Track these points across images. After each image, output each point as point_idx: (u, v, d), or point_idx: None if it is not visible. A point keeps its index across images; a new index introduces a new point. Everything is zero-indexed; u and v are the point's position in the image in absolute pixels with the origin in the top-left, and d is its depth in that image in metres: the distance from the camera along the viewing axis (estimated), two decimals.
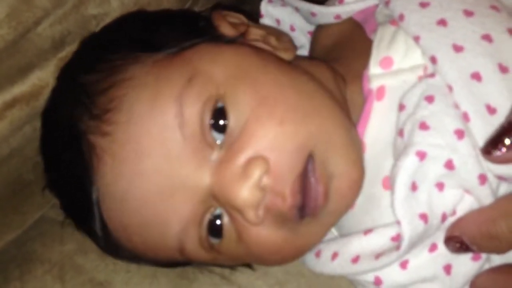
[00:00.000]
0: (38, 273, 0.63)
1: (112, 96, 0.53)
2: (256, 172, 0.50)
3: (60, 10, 0.57)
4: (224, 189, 0.51)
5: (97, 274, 0.62)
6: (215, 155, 0.52)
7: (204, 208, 0.53)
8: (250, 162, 0.51)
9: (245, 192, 0.50)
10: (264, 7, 0.69)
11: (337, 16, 0.63)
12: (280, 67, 0.56)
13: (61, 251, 0.64)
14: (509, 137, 0.47)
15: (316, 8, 0.64)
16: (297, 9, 0.67)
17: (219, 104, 0.52)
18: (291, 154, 0.51)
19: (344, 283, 0.59)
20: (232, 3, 0.78)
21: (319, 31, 0.67)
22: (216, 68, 0.53)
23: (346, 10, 0.62)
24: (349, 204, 0.55)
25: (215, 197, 0.52)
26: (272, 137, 0.51)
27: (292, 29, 0.70)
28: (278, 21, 0.69)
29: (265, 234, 0.52)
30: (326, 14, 0.63)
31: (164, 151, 0.51)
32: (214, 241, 0.54)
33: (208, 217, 0.53)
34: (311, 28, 0.69)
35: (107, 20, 0.61)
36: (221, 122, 0.52)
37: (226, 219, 0.54)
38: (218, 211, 0.53)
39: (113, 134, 0.52)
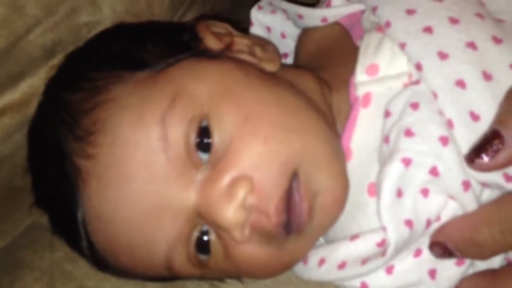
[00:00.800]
0: (28, 280, 0.63)
1: (96, 117, 0.53)
2: (241, 192, 0.51)
3: (51, 18, 0.58)
4: (210, 209, 0.51)
5: (86, 281, 0.62)
6: (200, 175, 0.52)
7: (190, 227, 0.53)
8: (234, 182, 0.51)
9: (230, 213, 0.50)
10: (254, 15, 0.69)
11: (324, 19, 0.63)
12: (264, 83, 0.56)
13: (51, 258, 0.64)
14: (491, 146, 0.48)
15: (303, 10, 0.64)
16: (286, 14, 0.68)
17: (204, 123, 0.52)
18: (276, 172, 0.51)
19: None
20: (227, 8, 0.79)
21: (304, 35, 0.68)
22: (200, 86, 0.53)
23: (333, 13, 0.63)
24: (335, 218, 0.55)
25: (201, 216, 0.52)
26: (256, 156, 0.52)
27: (283, 36, 0.71)
28: (268, 29, 0.70)
29: (251, 251, 0.53)
30: (313, 16, 0.64)
31: (148, 174, 0.51)
32: (202, 257, 0.55)
33: (195, 234, 0.54)
34: None
35: (99, 28, 0.62)
36: (206, 140, 0.52)
37: (213, 235, 0.54)
38: (205, 228, 0.54)
39: (98, 157, 0.52)
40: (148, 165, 0.51)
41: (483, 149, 0.48)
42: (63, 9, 0.58)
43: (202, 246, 0.54)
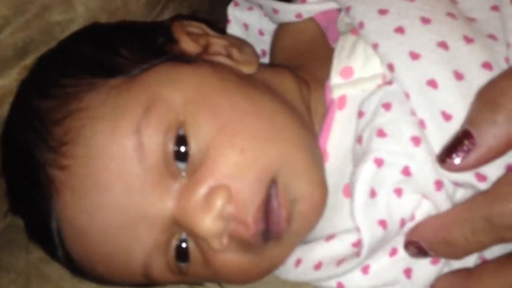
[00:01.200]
0: (4, 282, 0.63)
1: (68, 127, 0.52)
2: (218, 202, 0.50)
3: (21, 18, 0.57)
4: (187, 219, 0.51)
5: (63, 283, 0.62)
6: (177, 184, 0.52)
7: (168, 236, 0.53)
8: (212, 191, 0.51)
9: (208, 222, 0.50)
10: (231, 12, 0.69)
11: (298, 15, 0.63)
12: (240, 88, 0.55)
13: (28, 260, 0.64)
14: (462, 146, 0.48)
15: (278, 4, 0.64)
16: (263, 10, 0.67)
17: (180, 132, 0.52)
18: (253, 182, 0.51)
19: None
20: (205, 6, 0.78)
21: (280, 30, 0.68)
22: (175, 93, 0.53)
23: (307, 9, 0.63)
24: (313, 225, 0.55)
25: (179, 225, 0.52)
26: (233, 165, 0.51)
27: (261, 33, 0.70)
28: (246, 26, 0.70)
29: (230, 259, 0.53)
30: (288, 11, 0.64)
31: (124, 185, 0.51)
32: (182, 265, 0.54)
33: (174, 243, 0.54)
34: None
35: (73, 26, 0.61)
36: (183, 149, 0.51)
37: (191, 243, 0.54)
38: (183, 236, 0.54)
39: (71, 169, 0.52)
40: (124, 176, 0.51)
41: (454, 150, 0.48)
42: (33, 8, 0.57)
43: (181, 254, 0.54)
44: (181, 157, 0.52)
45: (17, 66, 0.59)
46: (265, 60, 0.71)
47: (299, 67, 0.62)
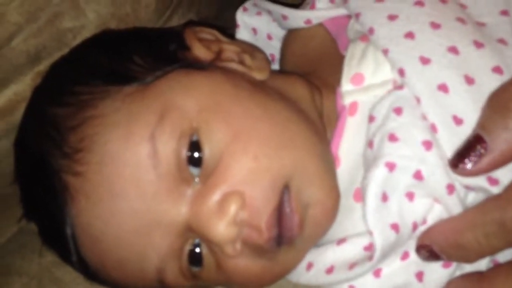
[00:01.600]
0: (16, 286, 0.63)
1: (82, 135, 0.53)
2: (232, 208, 0.51)
3: (34, 25, 0.57)
4: (201, 225, 0.51)
5: (75, 287, 0.62)
6: (191, 190, 0.52)
7: (182, 241, 0.53)
8: (225, 197, 0.51)
9: (221, 228, 0.51)
10: (240, 17, 0.69)
11: (308, 21, 0.63)
12: (253, 95, 0.55)
13: (40, 264, 0.64)
14: (474, 151, 0.48)
15: (287, 10, 0.64)
16: (271, 15, 0.67)
17: (194, 137, 0.52)
18: (266, 188, 0.52)
19: None
20: (213, 11, 0.78)
21: (289, 36, 0.68)
22: (188, 100, 0.53)
23: (316, 15, 0.63)
24: (325, 230, 0.55)
25: (193, 231, 0.52)
26: (246, 172, 0.52)
27: (269, 37, 0.70)
28: (255, 30, 0.70)
29: (243, 265, 0.53)
30: (297, 17, 0.64)
31: (138, 192, 0.51)
32: (195, 269, 0.55)
33: (187, 248, 0.54)
34: None
35: (84, 33, 0.61)
36: (196, 155, 0.52)
37: (205, 248, 0.54)
38: (197, 240, 0.54)
39: (86, 175, 0.52)
40: (138, 183, 0.51)
41: (466, 154, 0.49)
42: (45, 15, 0.58)
43: (195, 259, 0.54)
44: (195, 162, 0.52)
45: (30, 73, 0.59)
46: (274, 65, 0.71)
47: (309, 73, 0.63)
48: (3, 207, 0.66)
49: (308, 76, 0.62)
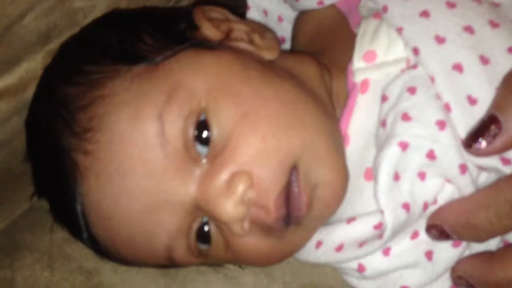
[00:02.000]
0: (27, 261, 0.64)
1: (92, 114, 0.53)
2: (240, 188, 0.51)
3: (45, 3, 0.57)
4: (209, 204, 0.52)
5: (85, 262, 0.63)
6: (199, 169, 0.52)
7: (190, 219, 0.53)
8: (234, 177, 0.51)
9: (230, 208, 0.51)
10: None
11: (320, 2, 0.63)
12: (263, 75, 0.55)
13: (51, 240, 0.65)
14: (489, 131, 0.48)
15: None
16: None
17: (202, 117, 0.52)
18: (275, 168, 0.52)
19: (329, 269, 0.60)
20: None
21: (301, 17, 0.67)
22: (197, 80, 0.53)
23: None
24: (334, 210, 0.55)
25: (201, 209, 0.53)
26: (255, 152, 0.52)
27: (280, 19, 0.70)
28: (265, 12, 0.69)
29: (251, 243, 0.53)
30: None
31: (146, 171, 0.51)
32: (203, 247, 0.55)
33: (195, 226, 0.54)
34: None
35: (95, 12, 0.61)
36: (205, 134, 0.52)
37: (213, 227, 0.55)
38: (205, 219, 0.54)
39: (95, 154, 0.52)
40: (146, 162, 0.51)
41: (480, 134, 0.49)
42: None
43: (203, 237, 0.55)
44: (203, 142, 0.52)
45: (41, 51, 0.59)
46: (284, 47, 0.71)
47: (320, 53, 0.62)
48: (15, 184, 0.66)
49: (319, 55, 0.62)
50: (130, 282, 0.62)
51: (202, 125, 0.52)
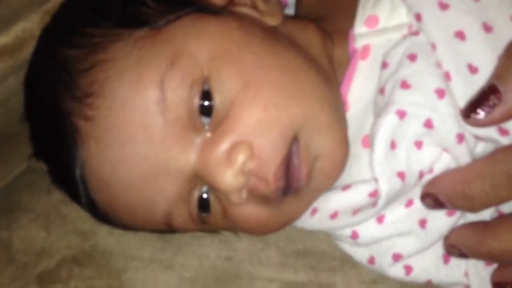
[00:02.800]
0: (24, 222, 0.64)
1: (93, 78, 0.52)
2: (240, 158, 0.51)
3: None
4: (209, 173, 0.52)
5: (81, 224, 0.63)
6: (200, 138, 0.52)
7: (190, 187, 0.54)
8: (234, 147, 0.51)
9: (229, 177, 0.51)
10: None
11: None
12: (265, 44, 0.54)
13: (47, 201, 0.65)
14: (488, 101, 0.48)
15: None
16: None
17: (205, 87, 0.51)
18: (275, 139, 0.51)
19: (322, 235, 0.61)
20: None
21: None
22: (200, 47, 0.52)
23: None
24: (333, 182, 0.56)
25: (200, 178, 0.53)
26: (256, 122, 0.51)
27: None
28: None
29: (249, 212, 0.54)
30: None
31: (146, 137, 0.51)
32: (203, 215, 0.55)
33: (196, 193, 0.54)
34: None
35: None
36: (207, 103, 0.51)
37: (212, 195, 0.55)
38: (205, 188, 0.54)
39: (96, 120, 0.52)
40: (146, 128, 0.51)
41: (479, 104, 0.48)
42: None
43: (203, 205, 0.55)
44: (206, 111, 0.52)
45: (38, 10, 0.58)
46: (287, 10, 0.70)
47: (323, 18, 0.61)
48: (12, 145, 0.66)
49: (321, 21, 0.61)
50: (125, 244, 0.62)
51: (206, 94, 0.52)
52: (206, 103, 0.51)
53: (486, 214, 0.53)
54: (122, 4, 0.55)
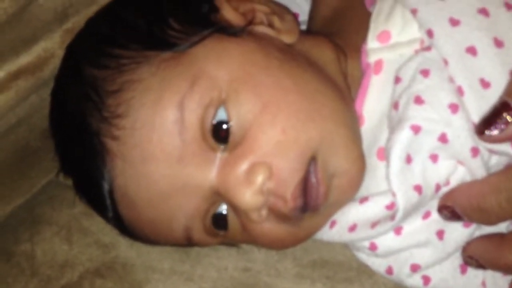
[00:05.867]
0: (47, 235, 0.65)
1: (121, 100, 0.53)
2: (259, 178, 0.52)
3: None
4: (229, 192, 0.52)
5: (103, 236, 0.64)
6: (218, 157, 0.53)
7: (208, 204, 0.54)
8: (253, 167, 0.52)
9: (248, 197, 0.52)
10: None
11: None
12: (283, 66, 0.55)
13: (69, 214, 0.66)
14: (500, 118, 0.48)
15: None
16: None
17: (221, 109, 0.52)
18: (293, 160, 0.52)
19: (338, 246, 0.61)
20: None
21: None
22: (220, 69, 0.53)
23: None
24: (350, 198, 0.56)
25: (219, 196, 0.54)
26: (274, 144, 0.52)
27: None
28: None
29: (268, 229, 0.54)
30: None
31: (165, 156, 0.52)
32: (220, 231, 0.56)
33: (212, 210, 0.55)
34: None
35: None
36: (224, 126, 0.52)
37: (230, 212, 0.55)
38: (224, 206, 0.55)
39: (122, 139, 0.53)
40: (164, 147, 0.52)
41: (492, 121, 0.49)
42: None
43: (220, 221, 0.56)
44: (221, 134, 0.53)
45: (58, 30, 0.60)
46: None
47: (335, 33, 0.62)
48: (34, 160, 0.67)
49: (333, 36, 0.61)
50: (146, 256, 0.63)
51: (220, 120, 0.52)
52: (224, 126, 0.52)
53: (502, 226, 0.53)
54: (148, 25, 0.56)
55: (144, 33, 0.56)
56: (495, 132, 0.48)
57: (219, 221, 0.56)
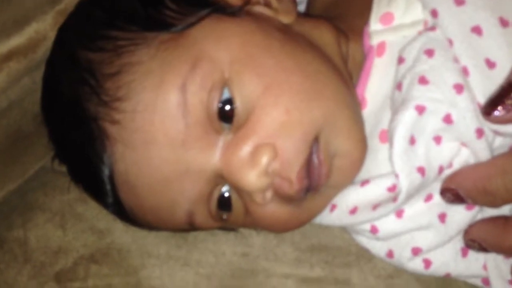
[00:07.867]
0: (40, 221, 0.64)
1: (120, 82, 0.52)
2: (264, 159, 0.51)
3: None
4: (233, 173, 0.52)
5: (97, 222, 0.63)
6: (222, 139, 0.52)
7: (211, 187, 0.54)
8: (258, 148, 0.51)
9: (253, 178, 0.51)
10: None
11: None
12: (284, 47, 0.54)
13: (62, 200, 0.65)
14: (507, 99, 0.48)
15: None
16: None
17: (225, 92, 0.52)
18: (298, 140, 0.52)
19: (337, 230, 0.61)
20: None
21: None
22: (221, 50, 0.53)
23: None
24: (351, 179, 0.56)
25: (223, 178, 0.53)
26: (278, 126, 0.52)
27: None
28: None
29: (271, 211, 0.54)
30: None
31: (167, 140, 0.52)
32: (224, 213, 0.56)
33: (216, 193, 0.55)
34: None
35: None
36: (228, 107, 0.52)
37: (234, 194, 0.55)
38: (226, 187, 0.55)
39: (123, 123, 0.52)
40: (167, 131, 0.51)
41: (499, 102, 0.48)
42: None
43: (224, 203, 0.55)
44: (226, 115, 0.52)
45: (51, 11, 0.59)
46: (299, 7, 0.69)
47: (337, 16, 0.61)
48: (26, 145, 0.66)
49: (335, 19, 0.61)
50: (141, 241, 0.62)
51: (226, 99, 0.52)
52: (227, 107, 0.52)
53: (506, 209, 0.53)
54: (144, 6, 0.55)
55: (141, 14, 0.55)
56: (501, 112, 0.48)
57: (224, 203, 0.55)
